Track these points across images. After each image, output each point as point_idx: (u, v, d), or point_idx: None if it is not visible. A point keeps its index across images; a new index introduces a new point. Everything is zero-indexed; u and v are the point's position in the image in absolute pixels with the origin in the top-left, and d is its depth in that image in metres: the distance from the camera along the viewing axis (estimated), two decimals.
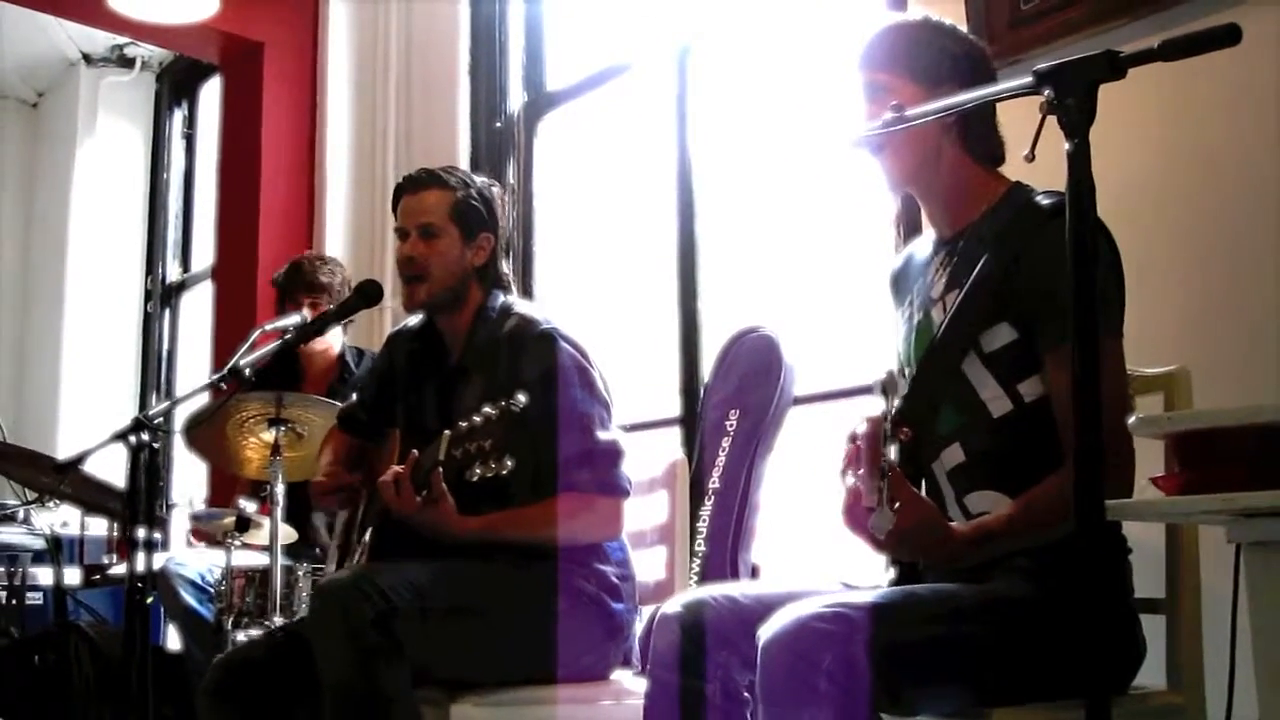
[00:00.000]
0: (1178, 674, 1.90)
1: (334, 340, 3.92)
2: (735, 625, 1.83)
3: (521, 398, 2.16)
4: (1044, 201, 1.87)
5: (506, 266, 2.76)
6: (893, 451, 1.59)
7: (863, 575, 1.97)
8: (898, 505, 1.58)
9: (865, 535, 1.71)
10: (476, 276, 2.67)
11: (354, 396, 2.98)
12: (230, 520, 3.25)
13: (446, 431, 2.22)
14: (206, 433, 3.17)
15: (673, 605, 1.92)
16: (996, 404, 1.87)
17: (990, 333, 1.87)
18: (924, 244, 2.11)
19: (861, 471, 1.66)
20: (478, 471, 2.18)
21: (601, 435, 2.49)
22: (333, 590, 2.31)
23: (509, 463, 2.15)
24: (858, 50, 2.01)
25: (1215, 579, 1.85)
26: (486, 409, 2.17)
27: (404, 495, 2.31)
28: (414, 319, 2.81)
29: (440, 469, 2.25)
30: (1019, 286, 1.83)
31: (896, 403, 1.61)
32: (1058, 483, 1.73)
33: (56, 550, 4.58)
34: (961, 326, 1.89)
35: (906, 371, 2.03)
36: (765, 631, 1.66)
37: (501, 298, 2.69)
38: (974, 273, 1.89)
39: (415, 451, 2.30)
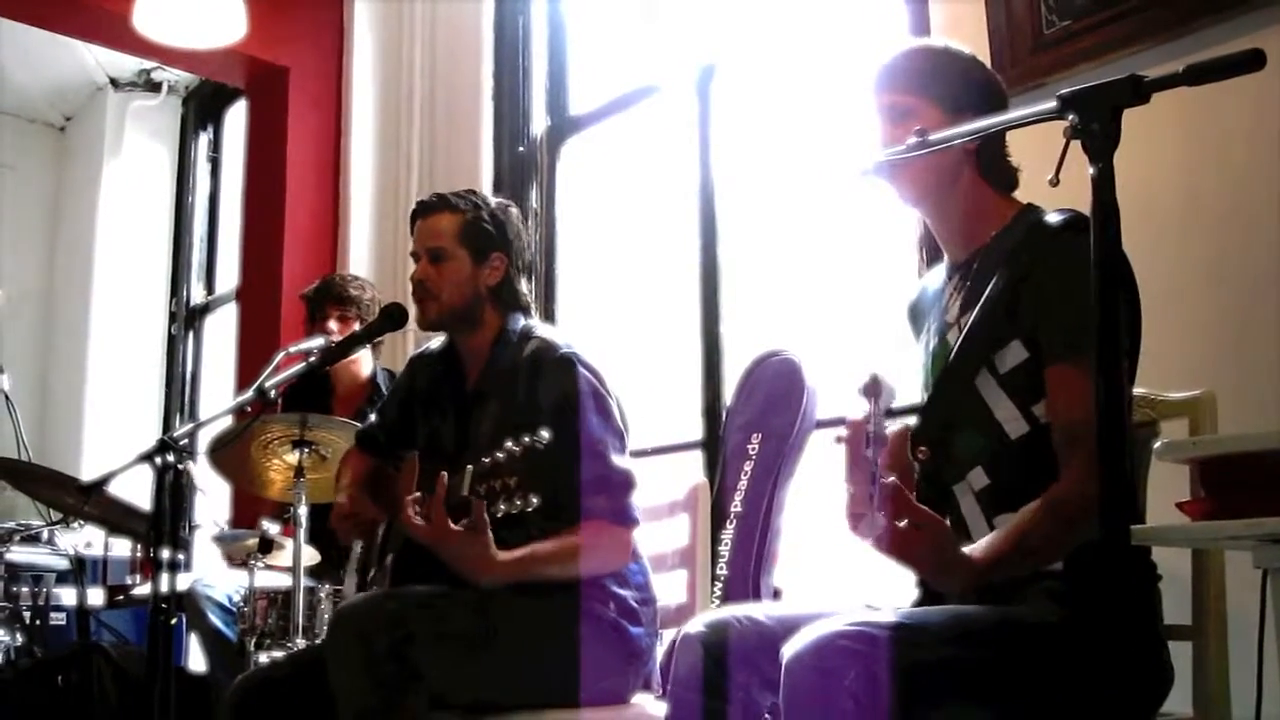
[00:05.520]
0: (1204, 700, 1.89)
1: (365, 363, 3.94)
2: (758, 646, 1.83)
3: (545, 434, 2.12)
4: (1054, 219, 1.87)
5: (525, 286, 2.76)
6: (876, 454, 1.57)
7: (886, 598, 1.96)
8: (904, 528, 1.57)
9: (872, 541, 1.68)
10: (491, 297, 2.68)
11: (374, 417, 2.98)
12: (254, 542, 3.26)
13: (469, 466, 2.18)
14: (231, 454, 3.19)
15: (695, 625, 1.92)
16: (1012, 425, 1.86)
17: (1003, 352, 1.86)
18: (937, 273, 2.12)
19: (848, 477, 1.64)
20: (501, 508, 2.14)
21: (616, 463, 2.47)
22: (349, 618, 2.31)
23: (534, 500, 2.11)
24: (878, 71, 2.01)
25: (1242, 604, 1.84)
26: (509, 444, 2.13)
27: (437, 523, 2.21)
28: (436, 342, 2.81)
29: (471, 503, 2.20)
30: (1027, 302, 1.83)
31: (881, 405, 1.58)
32: (1060, 498, 1.70)
33: (80, 571, 4.61)
34: (975, 345, 1.89)
35: (927, 396, 2.03)
36: (789, 649, 1.65)
37: (522, 321, 2.68)
38: (986, 292, 1.89)
39: (445, 476, 2.23)
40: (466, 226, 2.66)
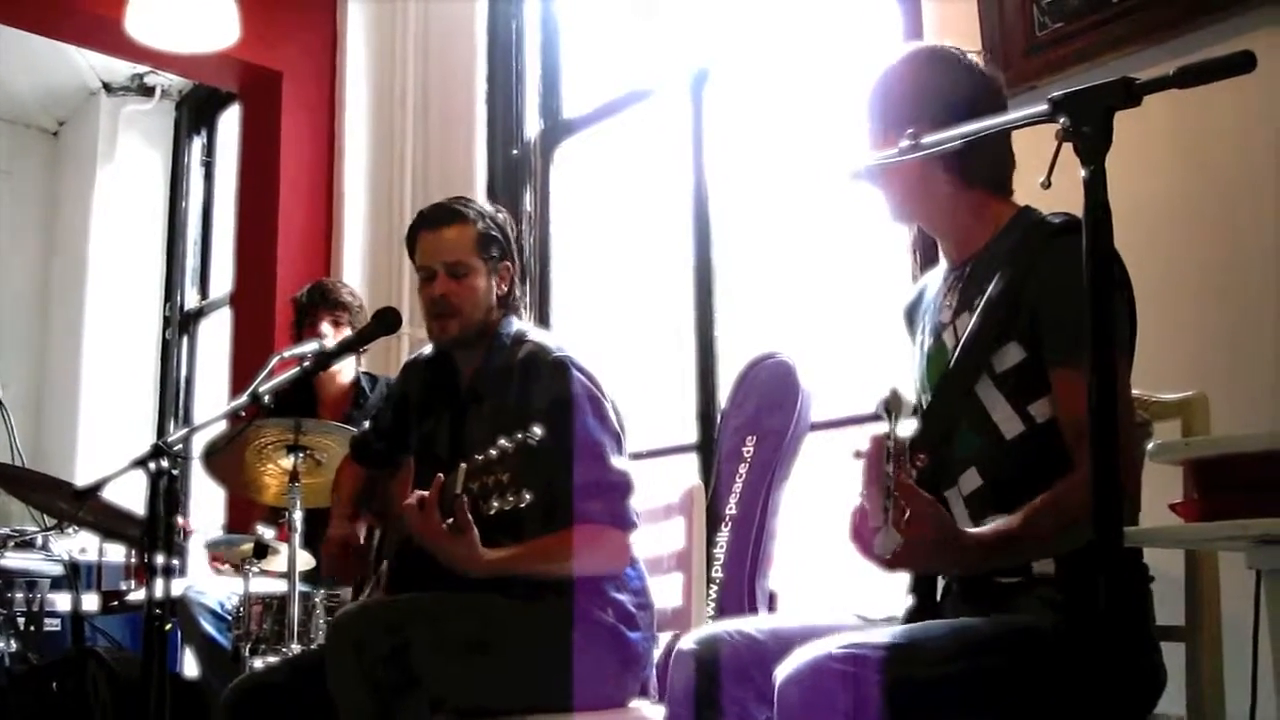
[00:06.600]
0: (1198, 702, 1.88)
1: (348, 367, 3.94)
2: (751, 661, 1.83)
3: (537, 430, 2.12)
4: (1052, 220, 1.87)
5: (520, 290, 2.76)
6: (895, 469, 1.57)
7: (880, 605, 1.96)
8: (907, 518, 1.57)
9: (873, 556, 1.69)
10: (499, 304, 2.68)
11: (367, 424, 2.97)
12: (248, 546, 3.25)
13: (463, 465, 2.19)
14: (225, 459, 3.18)
15: (688, 642, 1.92)
16: (1008, 425, 1.86)
17: (1001, 353, 1.86)
18: (936, 274, 2.11)
19: (865, 492, 1.64)
20: (494, 504, 2.14)
21: (614, 466, 2.47)
22: (347, 625, 2.31)
23: (527, 496, 2.12)
24: (855, 96, 2.03)
25: (1236, 606, 1.84)
26: (503, 441, 2.13)
27: (429, 520, 2.25)
28: (429, 347, 2.81)
29: (463, 500, 2.21)
30: (1026, 303, 1.83)
31: (900, 422, 1.59)
32: (1070, 488, 1.71)
33: (74, 576, 4.59)
34: (975, 351, 1.89)
35: (923, 399, 2.03)
36: (782, 672, 1.65)
37: (515, 325, 2.68)
38: (985, 294, 1.89)
39: (441, 476, 2.25)
40: (481, 237, 2.64)
